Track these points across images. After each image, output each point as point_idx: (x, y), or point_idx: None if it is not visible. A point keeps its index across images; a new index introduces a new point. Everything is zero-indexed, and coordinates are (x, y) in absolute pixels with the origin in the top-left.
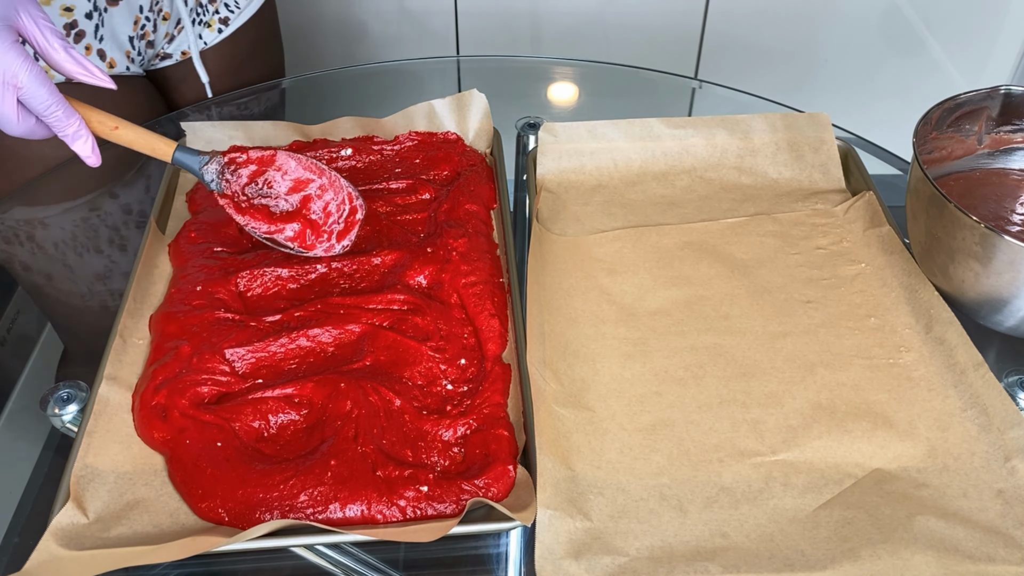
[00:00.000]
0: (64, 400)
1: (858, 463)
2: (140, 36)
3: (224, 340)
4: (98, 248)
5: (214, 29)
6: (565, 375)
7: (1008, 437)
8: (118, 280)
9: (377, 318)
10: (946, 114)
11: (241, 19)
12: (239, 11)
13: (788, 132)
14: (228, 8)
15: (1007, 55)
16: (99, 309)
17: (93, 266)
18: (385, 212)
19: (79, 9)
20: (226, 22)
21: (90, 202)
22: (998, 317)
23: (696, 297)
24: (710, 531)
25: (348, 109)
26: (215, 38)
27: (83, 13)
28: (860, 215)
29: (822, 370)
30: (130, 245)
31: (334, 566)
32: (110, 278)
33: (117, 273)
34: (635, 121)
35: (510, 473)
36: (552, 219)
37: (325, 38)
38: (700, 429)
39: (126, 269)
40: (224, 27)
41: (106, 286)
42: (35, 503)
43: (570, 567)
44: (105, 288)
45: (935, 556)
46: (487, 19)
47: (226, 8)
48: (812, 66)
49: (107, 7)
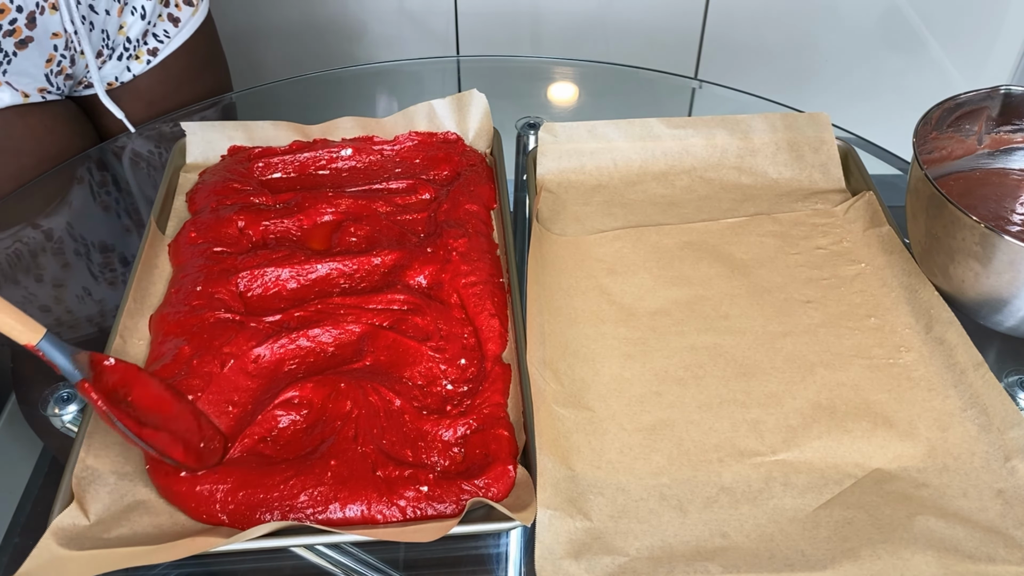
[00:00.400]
0: (64, 400)
1: (858, 463)
2: (57, 72)
3: (224, 341)
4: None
5: (142, 60)
6: (565, 375)
7: (1008, 437)
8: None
9: (377, 318)
10: (946, 114)
11: (170, 48)
12: (168, 40)
13: (788, 132)
14: (157, 39)
15: (1007, 55)
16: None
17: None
18: (385, 212)
19: None
20: (155, 52)
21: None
22: (998, 317)
23: (696, 297)
24: (710, 531)
25: (348, 109)
26: (143, 68)
27: None
28: (860, 215)
29: (822, 370)
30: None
31: (334, 566)
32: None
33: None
34: (635, 121)
35: (510, 473)
36: (552, 219)
37: (325, 38)
38: (700, 429)
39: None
40: (152, 58)
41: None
42: (35, 503)
43: (570, 567)
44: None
45: (935, 556)
46: (487, 19)
47: (155, 39)
48: (812, 66)
49: (15, 51)
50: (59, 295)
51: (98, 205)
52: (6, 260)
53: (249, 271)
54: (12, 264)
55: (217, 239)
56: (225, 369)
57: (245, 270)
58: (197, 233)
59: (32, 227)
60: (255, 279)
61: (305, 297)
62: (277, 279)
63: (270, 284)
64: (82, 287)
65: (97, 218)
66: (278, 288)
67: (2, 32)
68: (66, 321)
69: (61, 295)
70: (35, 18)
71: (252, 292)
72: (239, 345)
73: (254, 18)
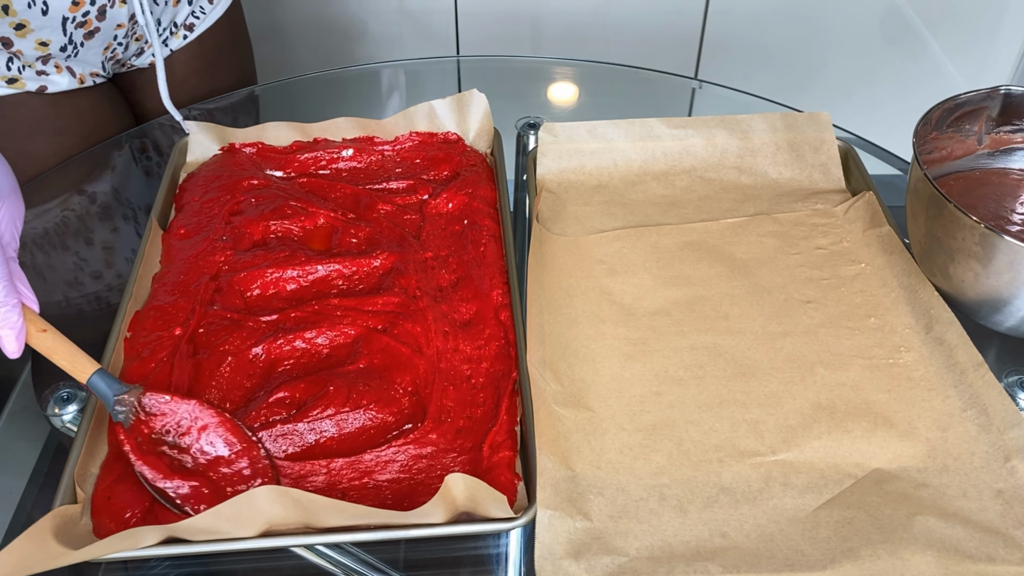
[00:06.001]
0: (64, 400)
1: (858, 463)
2: (110, 59)
3: (220, 340)
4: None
5: (179, 36)
6: (565, 375)
7: (1008, 437)
8: (103, 278)
9: (372, 321)
10: (946, 114)
11: (206, 23)
12: (204, 16)
13: (788, 132)
14: (194, 15)
15: (1007, 55)
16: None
17: (66, 263)
18: (385, 212)
19: (54, 43)
20: (191, 28)
21: (61, 203)
22: (998, 317)
23: (696, 297)
24: (710, 531)
25: (348, 109)
26: (180, 44)
27: (58, 47)
28: (860, 215)
29: (822, 370)
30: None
31: (334, 566)
32: (87, 273)
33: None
34: (635, 121)
35: (510, 473)
36: (552, 219)
37: (325, 38)
38: (700, 429)
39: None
40: (189, 33)
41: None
42: (35, 503)
43: (570, 567)
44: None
45: (935, 556)
46: (487, 19)
47: (192, 15)
48: (812, 66)
49: (83, 42)
50: (108, 258)
51: (140, 169)
52: (55, 228)
53: (248, 271)
54: (60, 231)
55: (201, 236)
56: (224, 367)
57: (244, 270)
58: (187, 230)
59: (78, 193)
60: (254, 279)
61: (303, 298)
62: (277, 280)
63: (269, 284)
64: (131, 249)
65: (141, 182)
66: (277, 289)
67: (74, 24)
68: (116, 286)
69: (111, 258)
70: (105, 11)
71: (251, 292)
72: (235, 344)
73: (255, 18)
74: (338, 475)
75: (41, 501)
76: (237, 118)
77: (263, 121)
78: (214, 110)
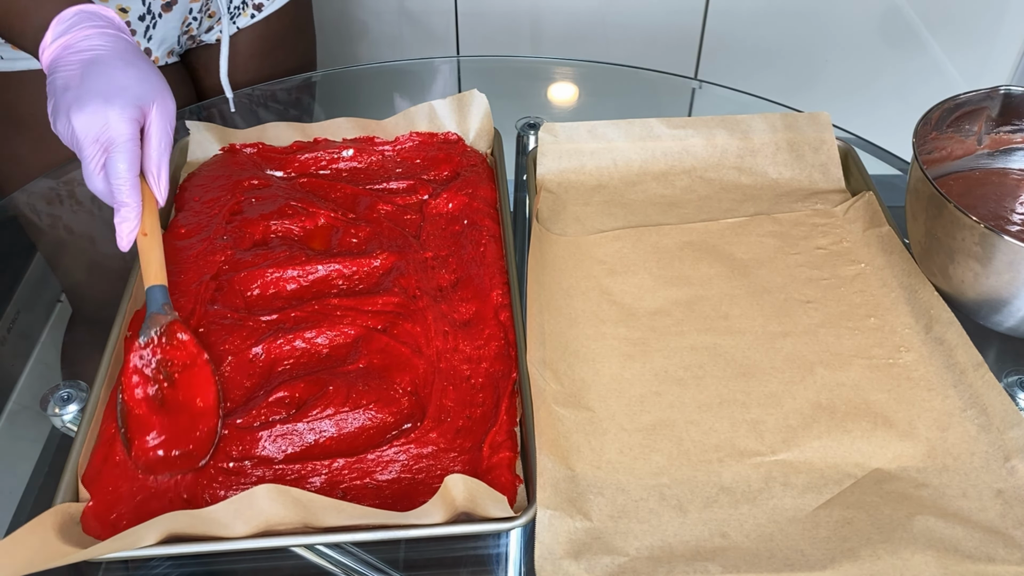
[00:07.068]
0: (64, 400)
1: (858, 463)
2: (184, 33)
3: (220, 340)
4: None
5: (247, 14)
6: (565, 375)
7: (1008, 437)
8: None
9: (372, 321)
10: (946, 114)
11: (275, 5)
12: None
13: (788, 132)
14: None
15: (1007, 55)
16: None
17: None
18: (385, 212)
19: (133, 11)
20: (259, 8)
21: None
22: (998, 317)
23: (696, 297)
24: (710, 531)
25: (348, 109)
26: (247, 22)
27: (136, 15)
28: (860, 215)
29: (822, 370)
30: None
31: (334, 566)
32: None
33: None
34: (635, 121)
35: (510, 474)
36: (552, 219)
37: (325, 38)
38: (700, 429)
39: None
40: (257, 12)
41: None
42: (35, 503)
43: (570, 567)
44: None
45: (935, 556)
46: (487, 19)
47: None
48: (812, 66)
49: (161, 13)
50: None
51: None
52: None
53: (248, 271)
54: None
55: (208, 235)
56: (224, 366)
57: (244, 270)
58: (187, 229)
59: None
60: (254, 279)
61: (303, 297)
62: (277, 280)
63: (269, 284)
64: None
65: None
66: (277, 289)
67: None
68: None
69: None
70: None
71: (251, 292)
72: (235, 343)
73: None
74: (338, 475)
75: (41, 501)
76: (288, 109)
77: (289, 117)
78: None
